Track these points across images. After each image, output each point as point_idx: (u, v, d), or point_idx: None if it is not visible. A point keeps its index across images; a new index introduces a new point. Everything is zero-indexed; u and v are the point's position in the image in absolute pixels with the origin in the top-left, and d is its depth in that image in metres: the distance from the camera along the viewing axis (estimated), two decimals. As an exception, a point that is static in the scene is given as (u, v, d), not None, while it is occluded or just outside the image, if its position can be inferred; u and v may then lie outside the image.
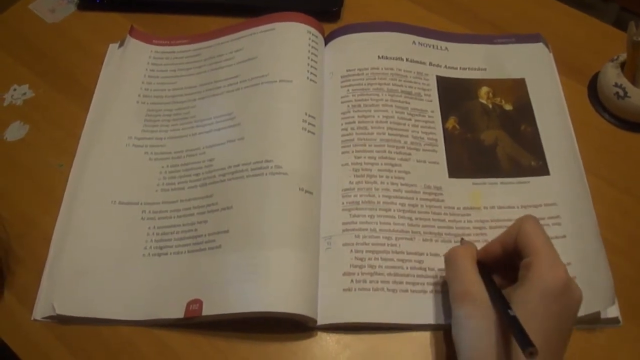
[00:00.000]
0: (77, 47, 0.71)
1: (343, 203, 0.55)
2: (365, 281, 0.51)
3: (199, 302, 0.50)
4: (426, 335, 0.50)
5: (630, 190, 0.58)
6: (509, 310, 0.40)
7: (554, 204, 0.55)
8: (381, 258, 0.52)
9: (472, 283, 0.44)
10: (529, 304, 0.40)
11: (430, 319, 0.50)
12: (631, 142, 0.61)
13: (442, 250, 0.53)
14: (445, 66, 0.65)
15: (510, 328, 0.40)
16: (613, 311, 0.50)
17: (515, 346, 0.39)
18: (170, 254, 0.54)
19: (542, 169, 0.58)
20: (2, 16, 0.75)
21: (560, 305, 0.41)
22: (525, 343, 0.37)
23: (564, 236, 0.53)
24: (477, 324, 0.42)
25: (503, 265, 0.47)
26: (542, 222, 0.53)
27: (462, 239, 0.53)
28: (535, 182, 0.57)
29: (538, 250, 0.42)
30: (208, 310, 0.49)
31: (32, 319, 0.52)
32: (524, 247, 0.43)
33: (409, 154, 0.58)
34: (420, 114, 0.61)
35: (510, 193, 0.56)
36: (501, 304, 0.41)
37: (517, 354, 0.39)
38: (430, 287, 0.51)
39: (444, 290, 0.51)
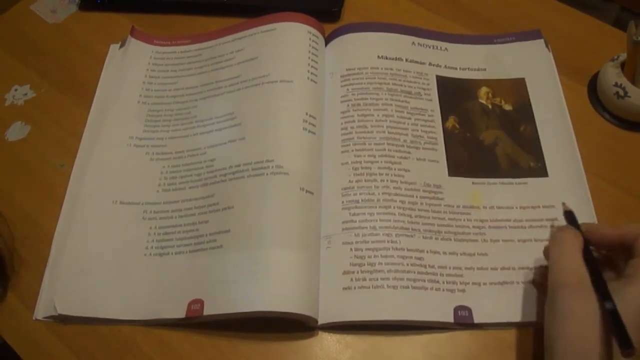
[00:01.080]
0: (78, 47, 0.71)
1: (343, 202, 0.55)
2: (364, 279, 0.51)
3: (200, 302, 0.50)
4: (427, 335, 0.50)
5: (631, 189, 0.58)
6: (607, 303, 0.40)
7: (552, 206, 0.56)
8: (381, 255, 0.52)
9: (580, 273, 0.43)
10: (633, 304, 0.40)
11: (431, 316, 0.50)
12: (631, 141, 0.61)
13: (441, 248, 0.53)
14: (445, 66, 0.66)
15: (609, 322, 0.39)
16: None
17: (614, 342, 0.39)
18: (172, 253, 0.54)
19: (540, 171, 0.58)
20: (3, 16, 0.75)
21: None
22: (625, 343, 0.37)
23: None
24: (581, 312, 0.41)
25: (605, 250, 0.47)
26: (540, 223, 0.55)
27: (564, 203, 0.49)
28: (533, 183, 0.57)
29: None
30: (209, 310, 0.49)
31: (33, 318, 0.52)
32: None
33: (409, 152, 0.58)
34: (420, 113, 0.61)
35: (509, 193, 0.57)
36: (603, 294, 0.41)
37: (616, 351, 0.39)
38: (431, 284, 0.51)
39: (444, 288, 0.51)
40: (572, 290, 0.42)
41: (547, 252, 0.48)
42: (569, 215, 0.48)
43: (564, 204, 0.49)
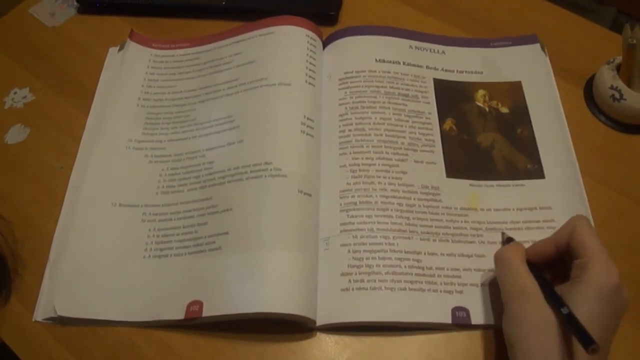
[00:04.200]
0: (77, 50, 0.72)
1: (341, 204, 0.56)
2: (362, 281, 0.51)
3: (199, 304, 0.50)
4: (425, 335, 0.51)
5: (627, 191, 0.58)
6: (562, 308, 0.41)
7: (548, 208, 0.56)
8: (379, 257, 0.52)
9: (526, 281, 0.44)
10: (585, 304, 0.41)
11: (428, 317, 0.50)
12: (627, 143, 0.61)
13: (439, 249, 0.53)
14: (442, 69, 0.66)
15: (568, 325, 0.40)
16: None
17: (573, 344, 0.40)
18: (171, 255, 0.54)
19: (537, 173, 0.58)
20: (2, 20, 0.76)
21: (613, 306, 0.42)
22: (587, 340, 0.38)
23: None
24: (533, 321, 0.42)
25: (551, 264, 0.48)
26: (536, 225, 0.55)
27: (503, 233, 0.53)
28: (530, 185, 0.58)
29: (594, 251, 0.43)
30: (208, 312, 0.49)
31: (33, 320, 0.52)
32: (578, 247, 0.44)
33: (406, 155, 0.59)
34: (418, 116, 0.62)
35: (507, 195, 0.57)
36: (555, 301, 0.42)
37: (576, 351, 0.40)
38: (429, 286, 0.51)
39: (442, 289, 0.51)
40: (521, 300, 0.44)
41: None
42: (509, 240, 0.51)
43: (503, 233, 0.53)
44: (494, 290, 0.52)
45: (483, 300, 0.51)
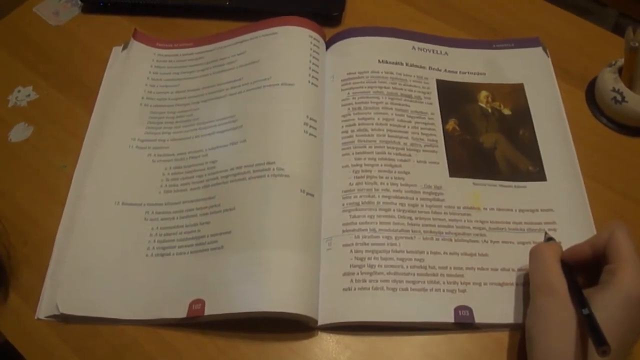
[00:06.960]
0: (81, 49, 0.72)
1: (343, 204, 0.56)
2: (365, 280, 0.51)
3: (201, 302, 0.50)
4: (426, 336, 0.51)
5: (628, 193, 0.58)
6: (584, 309, 0.42)
7: (550, 210, 0.56)
8: (381, 257, 0.53)
9: (555, 278, 0.45)
10: (609, 308, 0.42)
11: (430, 317, 0.50)
12: (629, 146, 0.62)
13: (442, 248, 0.54)
14: (445, 70, 0.66)
15: (585, 325, 0.41)
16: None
17: (589, 345, 0.41)
18: (173, 254, 0.54)
19: (539, 175, 0.58)
20: (6, 18, 0.76)
21: (637, 314, 0.42)
22: (600, 341, 0.39)
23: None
24: (556, 317, 0.44)
25: (586, 266, 0.48)
26: (538, 227, 0.55)
27: (545, 233, 0.53)
28: (532, 187, 0.58)
29: (626, 258, 0.44)
30: (210, 310, 0.50)
31: (35, 317, 0.53)
32: (612, 253, 0.45)
33: (409, 155, 0.59)
34: (420, 116, 0.62)
35: (509, 196, 0.57)
36: (579, 301, 0.43)
37: (591, 352, 0.41)
38: (431, 285, 0.52)
39: (445, 289, 0.51)
40: (548, 296, 0.45)
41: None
42: (550, 240, 0.52)
43: (545, 233, 0.53)
44: (497, 289, 0.52)
45: (487, 299, 0.51)
